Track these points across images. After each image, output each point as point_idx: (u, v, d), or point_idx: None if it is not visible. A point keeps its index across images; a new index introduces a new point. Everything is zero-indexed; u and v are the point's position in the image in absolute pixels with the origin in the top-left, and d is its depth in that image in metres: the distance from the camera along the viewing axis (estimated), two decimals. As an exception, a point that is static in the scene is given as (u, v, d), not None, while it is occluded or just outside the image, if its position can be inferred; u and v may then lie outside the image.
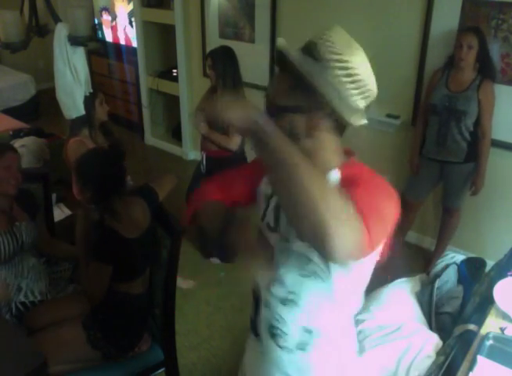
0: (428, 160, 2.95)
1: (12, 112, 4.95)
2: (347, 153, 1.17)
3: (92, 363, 1.93)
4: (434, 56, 3.06)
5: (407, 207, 3.19)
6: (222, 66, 2.83)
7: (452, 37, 2.93)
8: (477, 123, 2.75)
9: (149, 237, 1.94)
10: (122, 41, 5.35)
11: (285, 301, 1.14)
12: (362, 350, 1.81)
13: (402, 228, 3.32)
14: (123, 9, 5.14)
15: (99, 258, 1.77)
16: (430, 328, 1.90)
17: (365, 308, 2.01)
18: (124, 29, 5.24)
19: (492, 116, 2.74)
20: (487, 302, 1.74)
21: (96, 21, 5.45)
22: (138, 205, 1.92)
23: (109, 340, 1.91)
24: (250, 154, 3.20)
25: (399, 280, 2.17)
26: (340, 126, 1.08)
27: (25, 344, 1.65)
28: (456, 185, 2.95)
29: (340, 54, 1.02)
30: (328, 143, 1.09)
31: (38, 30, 2.54)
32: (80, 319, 1.94)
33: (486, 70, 2.71)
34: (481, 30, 2.69)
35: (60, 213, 3.08)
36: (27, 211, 2.18)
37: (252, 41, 3.93)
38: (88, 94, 2.57)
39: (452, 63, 2.78)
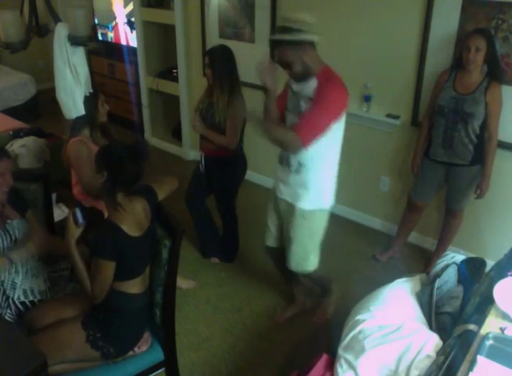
0: (434, 162, 2.94)
1: (12, 112, 4.95)
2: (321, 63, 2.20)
3: (92, 362, 1.92)
4: (434, 56, 3.06)
5: (413, 208, 3.19)
6: (220, 65, 2.83)
7: (453, 37, 2.94)
8: (484, 125, 2.75)
9: (149, 237, 1.94)
10: (122, 41, 5.36)
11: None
12: (362, 350, 1.81)
13: (406, 228, 3.32)
14: (123, 9, 5.14)
15: (101, 255, 1.77)
16: (430, 328, 1.89)
17: (365, 308, 2.01)
18: (124, 29, 5.24)
19: (499, 118, 2.74)
20: (487, 302, 1.74)
21: (97, 21, 5.46)
22: (141, 204, 1.92)
23: (109, 340, 1.91)
24: (250, 154, 3.21)
25: (399, 280, 2.17)
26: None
27: (25, 344, 1.65)
28: (460, 187, 2.94)
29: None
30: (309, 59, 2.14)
31: (38, 30, 2.54)
32: (79, 319, 1.94)
33: (494, 72, 2.70)
34: (489, 32, 2.68)
35: (60, 213, 3.09)
36: (16, 208, 2.18)
37: (252, 41, 3.93)
38: (88, 94, 2.57)
39: (458, 64, 2.77)
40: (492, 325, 1.63)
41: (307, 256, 2.49)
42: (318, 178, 2.31)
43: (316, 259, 2.53)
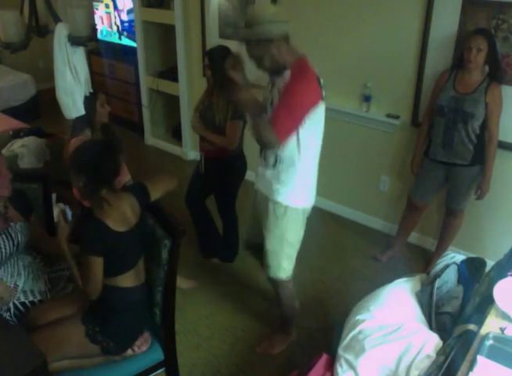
0: (434, 162, 2.94)
1: (12, 112, 4.96)
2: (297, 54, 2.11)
3: (92, 359, 1.93)
4: (434, 56, 3.06)
5: (413, 209, 3.19)
6: (219, 66, 2.83)
7: (453, 37, 2.94)
8: (484, 125, 2.74)
9: (137, 234, 1.93)
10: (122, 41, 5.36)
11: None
12: (362, 350, 1.81)
13: (406, 229, 3.32)
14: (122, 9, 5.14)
15: (88, 251, 1.78)
16: (430, 328, 1.90)
17: (365, 308, 2.01)
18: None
19: (499, 119, 2.73)
20: (487, 302, 1.74)
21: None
22: (127, 200, 1.91)
23: (108, 334, 1.91)
24: (250, 154, 3.21)
25: (399, 280, 2.17)
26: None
27: (25, 344, 1.65)
28: (461, 187, 2.94)
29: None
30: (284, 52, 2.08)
31: (38, 30, 2.55)
32: (79, 316, 1.95)
33: (495, 73, 2.70)
34: (490, 32, 2.68)
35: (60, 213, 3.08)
36: (20, 211, 2.18)
37: (252, 41, 3.93)
38: (88, 94, 2.57)
39: (459, 64, 2.77)
40: (492, 325, 1.63)
41: (279, 261, 2.38)
42: (294, 175, 2.21)
43: (290, 267, 2.42)
